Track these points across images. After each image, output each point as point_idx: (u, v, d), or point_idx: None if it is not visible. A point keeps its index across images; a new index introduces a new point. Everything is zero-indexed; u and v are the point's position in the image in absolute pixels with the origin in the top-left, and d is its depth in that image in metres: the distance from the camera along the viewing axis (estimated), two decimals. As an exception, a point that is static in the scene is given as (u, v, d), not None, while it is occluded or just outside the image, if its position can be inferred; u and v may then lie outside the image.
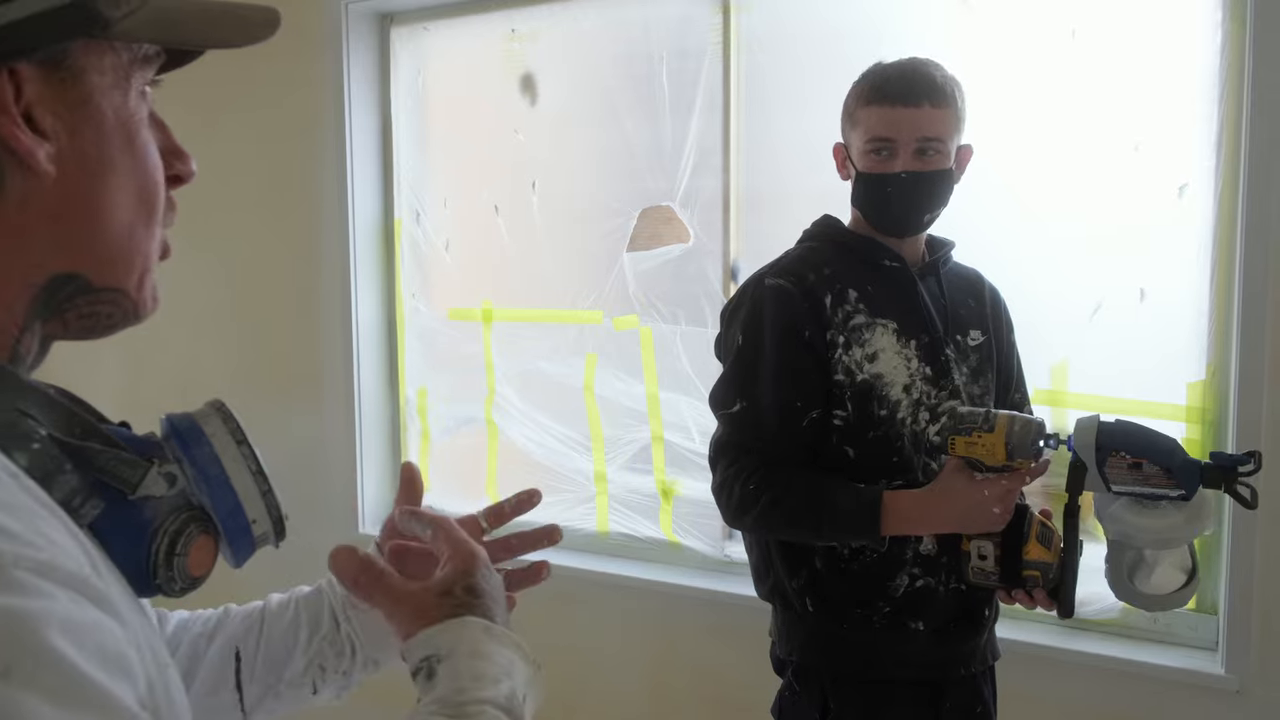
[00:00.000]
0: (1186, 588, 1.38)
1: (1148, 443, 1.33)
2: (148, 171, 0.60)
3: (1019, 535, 1.44)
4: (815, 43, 2.40)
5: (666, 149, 2.58)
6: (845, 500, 1.48)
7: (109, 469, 0.57)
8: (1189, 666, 2.06)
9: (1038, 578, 1.43)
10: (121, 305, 0.60)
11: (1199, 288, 2.07)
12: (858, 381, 1.53)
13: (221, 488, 0.61)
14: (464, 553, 0.72)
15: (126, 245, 0.59)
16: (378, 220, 3.00)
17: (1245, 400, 1.97)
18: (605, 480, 2.74)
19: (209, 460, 0.61)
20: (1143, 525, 1.35)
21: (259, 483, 0.62)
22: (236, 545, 0.63)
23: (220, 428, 0.62)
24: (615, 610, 2.65)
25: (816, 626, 1.59)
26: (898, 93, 1.50)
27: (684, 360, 2.59)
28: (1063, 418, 2.21)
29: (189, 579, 0.60)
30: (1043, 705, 2.15)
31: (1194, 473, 1.30)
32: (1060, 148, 2.16)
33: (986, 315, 1.66)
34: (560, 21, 2.71)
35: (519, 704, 0.63)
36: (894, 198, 1.54)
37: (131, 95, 0.59)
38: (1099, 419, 1.36)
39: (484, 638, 0.65)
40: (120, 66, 0.58)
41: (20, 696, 0.40)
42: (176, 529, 0.59)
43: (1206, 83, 2.03)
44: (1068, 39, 2.13)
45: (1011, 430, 1.36)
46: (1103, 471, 1.34)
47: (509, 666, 0.64)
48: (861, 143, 1.54)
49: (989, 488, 1.39)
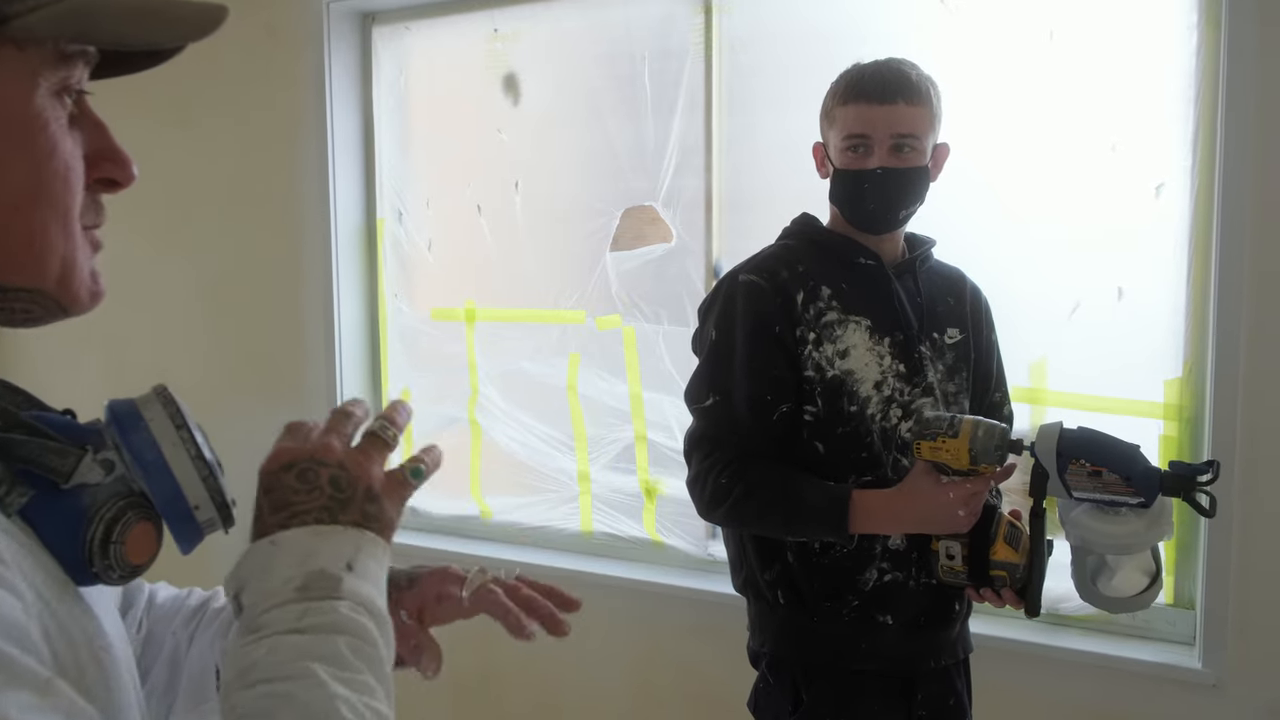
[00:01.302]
0: (1149, 590, 1.41)
1: (1107, 451, 1.34)
2: (52, 172, 0.57)
3: (986, 536, 1.47)
4: (796, 43, 2.41)
5: (649, 149, 2.59)
6: (814, 497, 1.51)
7: (35, 459, 0.57)
8: (1166, 661, 2.08)
9: (1005, 578, 1.47)
10: (41, 303, 0.59)
11: (1176, 286, 2.09)
12: (828, 377, 1.55)
13: (159, 473, 0.59)
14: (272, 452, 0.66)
15: (28, 246, 0.57)
16: (360, 220, 2.99)
17: (1220, 397, 1.99)
18: (588, 480, 2.74)
19: (146, 445, 0.59)
20: (1103, 531, 1.37)
21: (199, 468, 0.60)
22: (180, 532, 0.61)
23: (160, 412, 0.61)
24: (599, 610, 2.65)
25: (788, 618, 1.61)
26: (873, 91, 1.53)
27: (667, 360, 2.60)
28: (1042, 415, 2.22)
29: (128, 567, 0.60)
30: (1022, 700, 2.17)
31: (1153, 481, 1.32)
32: (1038, 148, 2.17)
33: (966, 314, 1.67)
34: (542, 21, 2.71)
35: (328, 577, 0.59)
36: (869, 194, 1.55)
37: (38, 94, 0.56)
38: (1061, 426, 1.38)
39: (269, 552, 0.60)
40: (23, 65, 0.55)
41: None
42: (113, 516, 0.59)
43: (1182, 84, 2.05)
44: (1046, 40, 2.15)
45: (975, 436, 1.39)
46: (1064, 478, 1.37)
47: (305, 554, 0.60)
48: (838, 140, 1.56)
49: (954, 490, 1.43)
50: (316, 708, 0.53)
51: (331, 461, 0.64)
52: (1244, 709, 2.01)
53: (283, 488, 0.63)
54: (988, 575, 1.47)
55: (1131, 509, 1.35)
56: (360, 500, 0.64)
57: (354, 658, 0.56)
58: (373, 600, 0.60)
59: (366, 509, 0.64)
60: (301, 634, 0.56)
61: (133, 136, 0.65)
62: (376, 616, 0.60)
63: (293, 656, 0.55)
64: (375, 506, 0.64)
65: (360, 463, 0.66)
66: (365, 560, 0.61)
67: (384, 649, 0.59)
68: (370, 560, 0.62)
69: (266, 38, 2.92)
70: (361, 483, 0.64)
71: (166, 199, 3.11)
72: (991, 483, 1.44)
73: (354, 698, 0.54)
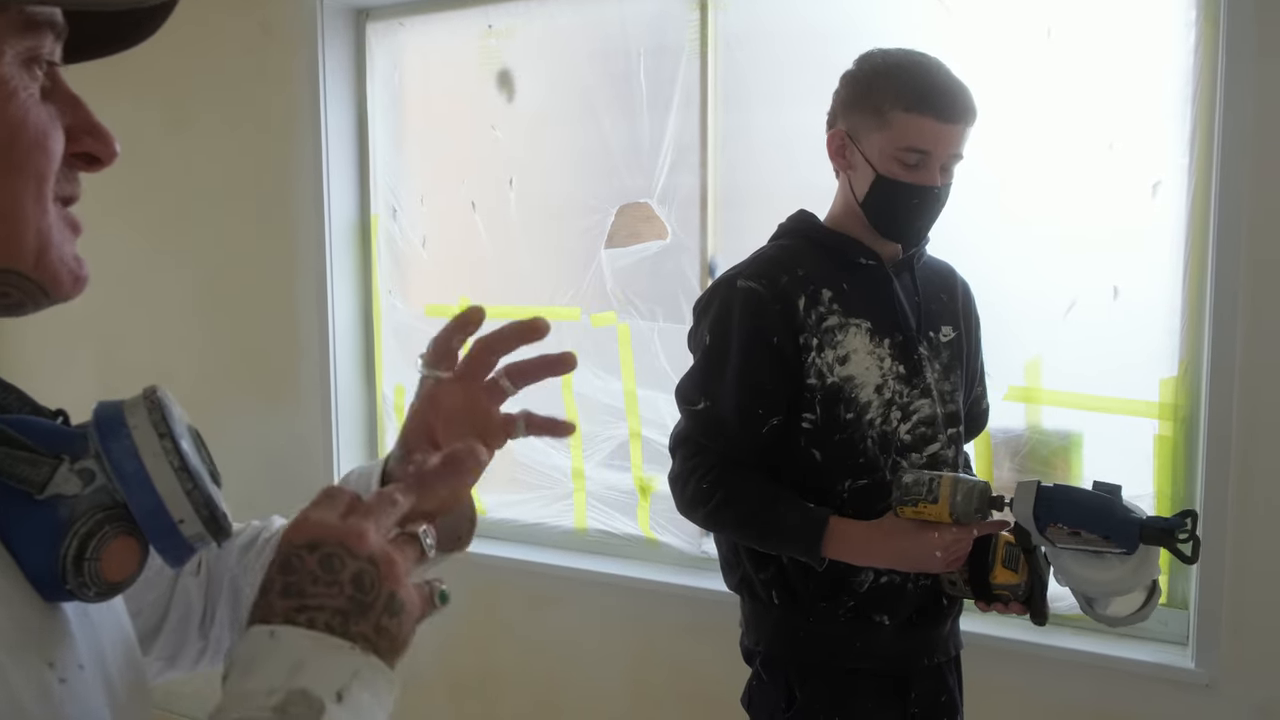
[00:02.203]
0: (1148, 605, 1.42)
1: (1083, 511, 1.35)
2: (25, 144, 0.54)
3: (985, 564, 1.48)
4: (792, 40, 2.40)
5: (644, 146, 2.58)
6: (792, 516, 1.50)
7: (4, 469, 0.54)
8: (1159, 661, 2.08)
9: (1008, 595, 1.49)
10: (19, 286, 0.56)
11: (1172, 285, 2.08)
12: (828, 384, 1.53)
13: (139, 486, 0.55)
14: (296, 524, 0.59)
15: (3, 221, 0.54)
16: (354, 217, 2.98)
17: (1216, 396, 1.99)
18: (583, 477, 2.73)
19: (125, 455, 0.55)
20: (1090, 579, 1.39)
21: (182, 480, 0.56)
22: (164, 547, 0.57)
23: (144, 419, 0.56)
24: (593, 607, 2.65)
25: (783, 618, 1.60)
26: (946, 108, 1.46)
27: (662, 357, 2.59)
28: (1037, 414, 2.22)
29: (105, 584, 0.55)
30: (1015, 699, 2.17)
31: (1132, 534, 1.33)
32: (1035, 146, 2.17)
33: (958, 310, 1.66)
34: (537, 18, 2.70)
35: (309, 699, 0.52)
36: (917, 210, 1.52)
37: (3, 62, 0.53)
38: (1037, 486, 1.38)
39: (266, 647, 0.54)
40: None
41: None
42: (88, 531, 0.54)
43: (1180, 82, 2.05)
44: (1043, 38, 2.15)
45: (954, 501, 1.40)
46: (1045, 535, 1.38)
47: (296, 664, 0.53)
48: (892, 147, 1.48)
49: (939, 532, 1.43)
50: None
51: (362, 554, 0.56)
52: (1237, 708, 2.01)
53: (300, 570, 0.55)
54: (991, 595, 1.50)
55: (1116, 555, 1.36)
56: (379, 610, 0.56)
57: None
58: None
59: (382, 622, 0.56)
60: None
61: (127, 133, 0.63)
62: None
63: None
64: (394, 621, 0.56)
65: (391, 565, 0.57)
66: (359, 692, 0.54)
67: None
68: (365, 692, 0.54)
69: (261, 34, 2.91)
70: (386, 588, 0.56)
71: (161, 195, 3.10)
72: (975, 533, 1.44)
73: None
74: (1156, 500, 2.12)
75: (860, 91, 1.53)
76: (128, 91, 2.74)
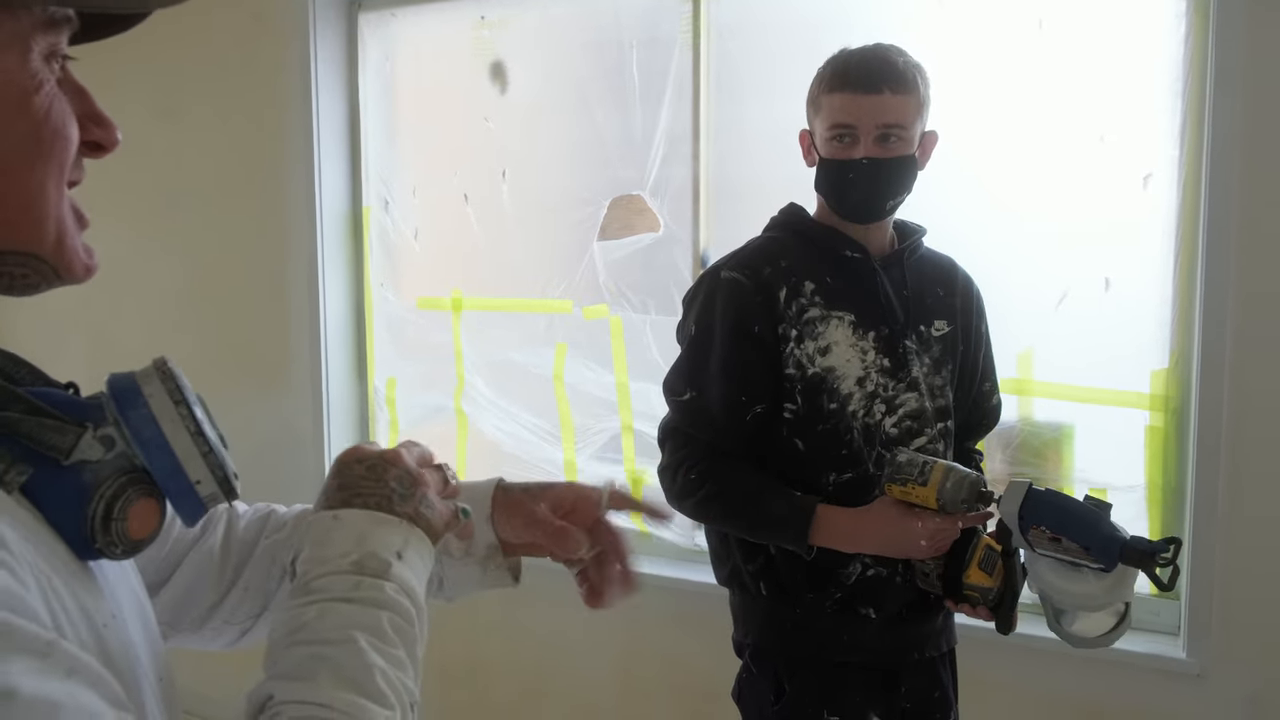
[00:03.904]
0: (1116, 630, 1.42)
1: (1068, 519, 1.35)
2: (48, 134, 0.58)
3: (962, 560, 1.49)
4: (785, 32, 2.40)
5: (637, 138, 2.57)
6: (779, 506, 1.51)
7: (34, 436, 0.57)
8: (1151, 651, 2.09)
9: (978, 598, 1.49)
10: (37, 269, 0.60)
11: (1163, 277, 2.09)
12: (809, 375, 1.54)
13: (159, 450, 0.60)
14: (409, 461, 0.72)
15: (27, 210, 0.58)
16: (346, 208, 2.97)
17: (1207, 387, 2.00)
18: (575, 469, 2.73)
19: (144, 422, 0.60)
20: (1063, 589, 1.39)
21: (199, 443, 0.60)
22: (181, 506, 0.62)
23: (159, 388, 0.61)
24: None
25: (771, 610, 1.61)
26: (859, 79, 1.51)
27: (654, 349, 2.59)
28: (1029, 406, 2.23)
29: (130, 542, 0.60)
30: (1008, 691, 2.18)
31: (1113, 552, 1.33)
32: (1027, 138, 2.17)
33: (955, 305, 1.67)
34: (530, 9, 2.70)
35: (379, 560, 0.64)
36: (855, 184, 1.54)
37: (32, 58, 0.57)
38: (1028, 487, 1.39)
39: (332, 525, 0.66)
40: (18, 30, 0.56)
41: None
42: (114, 493, 0.59)
43: (1170, 74, 2.05)
44: (1035, 30, 2.15)
45: (943, 487, 1.41)
46: (1026, 537, 1.38)
47: (360, 536, 0.65)
48: (824, 129, 1.55)
49: (924, 521, 1.44)
50: (355, 674, 0.58)
51: (400, 465, 0.70)
52: (1227, 698, 2.03)
53: (351, 475, 0.69)
54: (962, 593, 1.50)
55: (1093, 570, 1.36)
56: (416, 501, 0.69)
57: (394, 634, 0.62)
58: (415, 588, 0.66)
59: (420, 509, 0.69)
60: (350, 604, 0.61)
61: (119, 123, 0.64)
62: (416, 603, 0.65)
63: (340, 624, 0.60)
64: (430, 512, 0.70)
65: (423, 477, 0.71)
66: (412, 553, 0.66)
67: (420, 632, 0.64)
68: (416, 555, 0.67)
69: (252, 24, 2.90)
70: (420, 489, 0.70)
71: (152, 187, 3.08)
72: (959, 524, 1.45)
73: (389, 670, 0.60)
74: (1148, 490, 2.13)
75: (809, 90, 1.61)
76: (118, 81, 2.72)
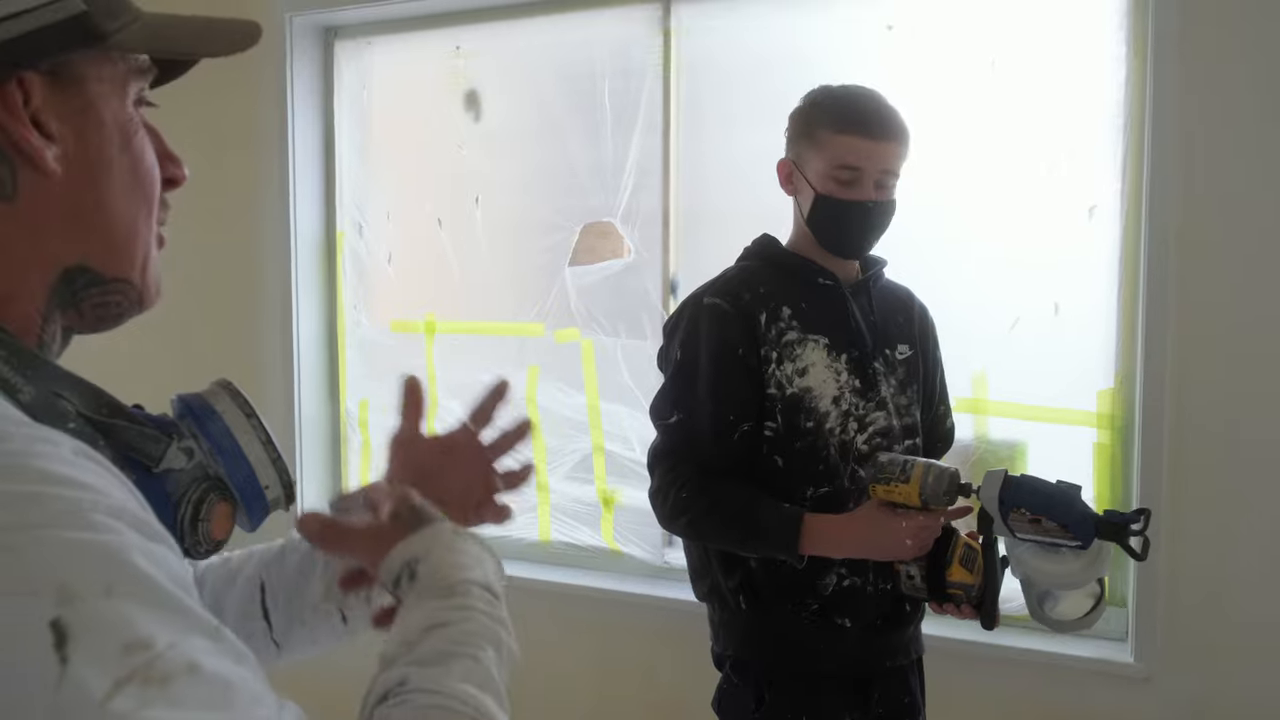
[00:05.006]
0: (1093, 612, 1.52)
1: (1047, 500, 1.45)
2: (145, 171, 0.65)
3: (942, 560, 1.56)
4: (752, 67, 2.49)
5: (608, 166, 2.65)
6: (768, 518, 1.56)
7: (135, 444, 0.63)
8: (1101, 656, 2.19)
9: (961, 595, 1.56)
10: (128, 295, 0.66)
11: (1108, 302, 2.21)
12: (788, 395, 1.61)
13: (236, 458, 0.67)
14: (395, 491, 0.78)
15: (128, 238, 0.65)
16: (319, 233, 3.00)
17: (1149, 406, 2.11)
18: (547, 490, 2.78)
19: (223, 434, 0.67)
20: (1045, 570, 1.48)
21: (269, 451, 0.68)
22: (252, 510, 0.69)
23: (230, 404, 0.68)
24: (558, 618, 2.69)
25: (751, 623, 1.66)
26: (872, 126, 1.57)
27: (624, 372, 2.66)
28: (984, 425, 2.33)
29: (212, 543, 0.67)
30: (969, 697, 2.26)
31: (1089, 527, 1.42)
32: (980, 171, 2.28)
33: (915, 331, 1.75)
34: (505, 40, 2.77)
35: (496, 586, 0.70)
36: (855, 224, 1.62)
37: (128, 102, 0.64)
38: (1004, 475, 1.47)
39: (453, 537, 0.72)
40: (117, 76, 0.63)
41: (124, 606, 0.47)
42: (199, 498, 0.65)
43: (1112, 112, 2.18)
44: (988, 69, 2.27)
45: (925, 483, 1.49)
46: (1007, 523, 1.47)
47: (479, 556, 0.72)
48: (827, 166, 1.59)
49: (907, 521, 1.52)
50: (485, 679, 0.63)
51: None
52: (1173, 699, 2.13)
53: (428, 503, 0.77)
54: (945, 593, 1.57)
55: (1071, 549, 1.45)
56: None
57: (504, 658, 0.67)
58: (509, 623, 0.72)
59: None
60: (487, 617, 0.67)
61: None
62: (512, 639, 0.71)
63: (479, 631, 0.66)
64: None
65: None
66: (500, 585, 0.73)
67: None
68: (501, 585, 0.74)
69: (227, 51, 2.93)
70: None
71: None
72: (942, 519, 1.53)
73: (501, 688, 0.65)
74: (1096, 505, 2.23)
75: (801, 122, 1.65)
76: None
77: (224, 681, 0.48)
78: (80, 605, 0.45)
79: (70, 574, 0.46)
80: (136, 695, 0.44)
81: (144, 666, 0.45)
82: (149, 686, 0.45)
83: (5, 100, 0.57)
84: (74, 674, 0.43)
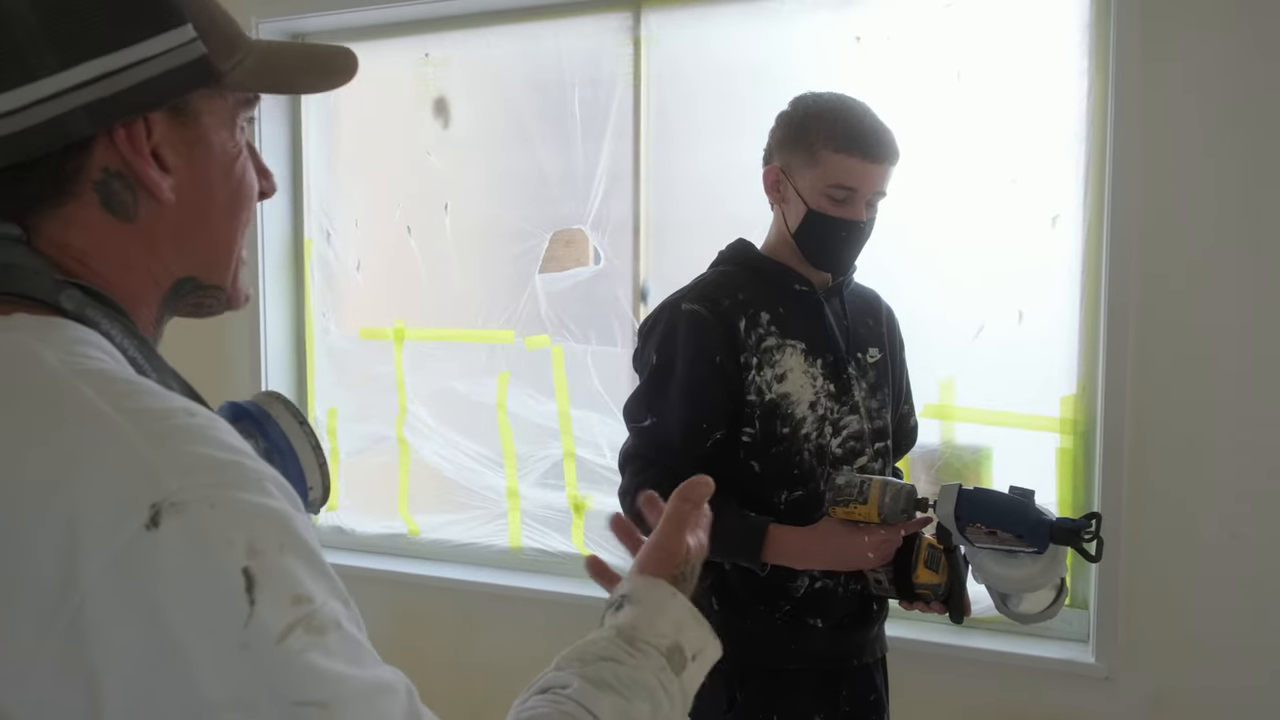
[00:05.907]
0: (1056, 603, 1.56)
1: (1000, 513, 1.49)
2: (245, 194, 0.72)
3: (908, 564, 1.60)
4: (721, 76, 2.51)
5: (578, 174, 2.66)
6: (733, 525, 1.57)
7: None
8: (1063, 657, 2.23)
9: (929, 594, 1.60)
10: (219, 299, 0.73)
11: (1070, 310, 2.26)
12: (766, 400, 1.63)
13: (290, 459, 0.71)
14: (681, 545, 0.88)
15: (227, 252, 0.72)
16: (287, 240, 2.99)
17: (1110, 411, 2.16)
18: (518, 496, 2.78)
19: (279, 436, 0.71)
20: (1005, 575, 1.53)
21: (317, 456, 0.73)
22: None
23: (284, 411, 0.73)
24: (529, 624, 2.69)
25: (723, 623, 1.65)
26: (874, 150, 1.59)
27: (595, 378, 2.67)
28: (950, 430, 2.37)
29: None
30: (934, 697, 2.29)
31: (1043, 534, 1.46)
32: (946, 181, 2.32)
33: (884, 333, 1.78)
34: (474, 48, 2.77)
35: (682, 655, 0.78)
36: (845, 241, 1.64)
37: (236, 131, 0.70)
38: (958, 490, 1.51)
39: (670, 600, 0.81)
40: (227, 108, 0.69)
41: (290, 563, 0.54)
42: None
43: (1075, 124, 2.23)
44: (954, 81, 2.31)
45: (883, 502, 1.52)
46: (965, 535, 1.51)
47: (681, 623, 0.80)
48: (822, 183, 1.60)
49: (869, 535, 1.55)
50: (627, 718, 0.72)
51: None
52: (1133, 697, 2.18)
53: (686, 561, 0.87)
54: (914, 594, 1.61)
55: (1029, 554, 1.49)
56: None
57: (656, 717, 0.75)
58: (689, 694, 0.79)
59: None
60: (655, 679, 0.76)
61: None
62: (676, 708, 0.78)
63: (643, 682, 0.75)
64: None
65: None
66: (704, 659, 0.82)
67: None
68: (705, 662, 0.82)
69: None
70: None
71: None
72: (902, 533, 1.57)
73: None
74: (1059, 508, 2.28)
75: (794, 132, 1.64)
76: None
77: (357, 642, 0.56)
78: (263, 559, 0.53)
79: (255, 531, 0.54)
80: (301, 639, 0.52)
81: (307, 617, 0.53)
82: (310, 634, 0.53)
83: (132, 138, 0.63)
84: (260, 613, 0.52)
